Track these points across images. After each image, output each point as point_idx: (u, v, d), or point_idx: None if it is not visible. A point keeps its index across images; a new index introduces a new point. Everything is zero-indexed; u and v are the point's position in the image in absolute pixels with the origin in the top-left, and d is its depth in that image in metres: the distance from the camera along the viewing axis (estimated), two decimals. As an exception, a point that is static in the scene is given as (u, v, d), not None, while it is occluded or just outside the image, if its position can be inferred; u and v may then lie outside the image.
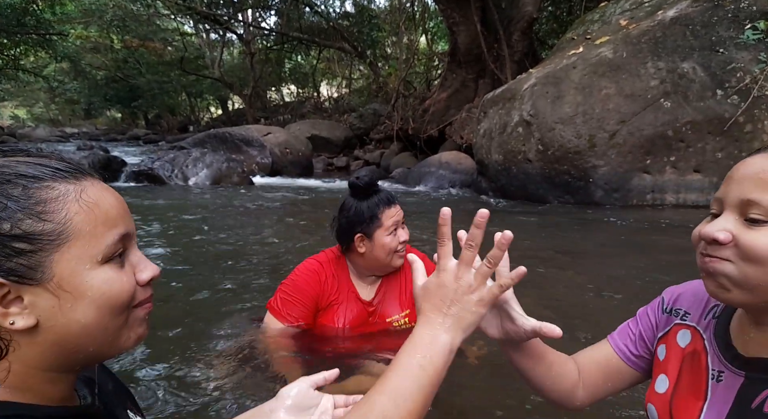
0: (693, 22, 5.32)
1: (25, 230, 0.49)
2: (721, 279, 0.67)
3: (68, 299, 0.51)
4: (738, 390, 0.71)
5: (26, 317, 0.50)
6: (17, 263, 0.49)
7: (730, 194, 0.67)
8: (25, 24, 15.45)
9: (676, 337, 0.84)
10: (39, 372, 0.53)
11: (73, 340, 0.52)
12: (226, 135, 9.83)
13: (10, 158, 0.52)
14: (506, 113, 6.32)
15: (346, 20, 17.13)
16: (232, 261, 3.30)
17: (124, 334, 0.57)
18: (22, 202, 0.49)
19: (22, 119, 36.80)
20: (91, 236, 0.52)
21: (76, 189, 0.52)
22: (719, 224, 0.67)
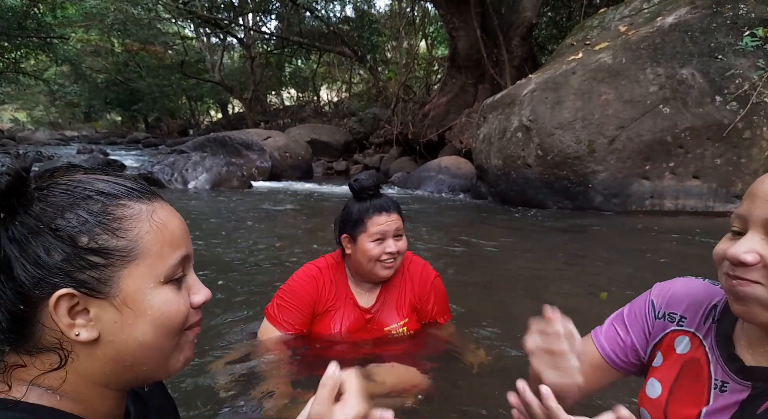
0: (692, 29, 5.34)
1: (100, 244, 0.51)
2: (752, 302, 0.65)
3: (130, 316, 0.53)
4: (743, 401, 0.70)
5: (90, 330, 0.52)
6: (89, 276, 0.51)
7: (755, 212, 0.65)
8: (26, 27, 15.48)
9: (673, 344, 0.83)
10: (92, 385, 0.54)
11: (129, 358, 0.54)
12: (226, 139, 9.83)
13: (89, 175, 0.55)
14: (506, 118, 6.33)
15: (347, 25, 17.19)
16: (230, 266, 3.29)
17: (175, 356, 0.58)
18: (101, 218, 0.52)
19: (22, 122, 36.81)
20: (157, 256, 0.54)
21: (148, 209, 0.55)
22: (746, 245, 0.64)
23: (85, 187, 0.53)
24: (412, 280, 1.79)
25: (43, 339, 0.51)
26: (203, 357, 1.85)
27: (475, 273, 3.38)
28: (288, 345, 1.70)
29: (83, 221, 0.51)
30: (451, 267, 3.38)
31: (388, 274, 1.67)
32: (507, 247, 4.14)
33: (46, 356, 0.52)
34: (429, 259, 1.92)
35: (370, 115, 15.05)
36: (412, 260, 1.83)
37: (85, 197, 0.52)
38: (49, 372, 0.52)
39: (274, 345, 1.70)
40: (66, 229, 0.50)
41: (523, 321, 1.01)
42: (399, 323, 1.77)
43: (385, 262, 1.65)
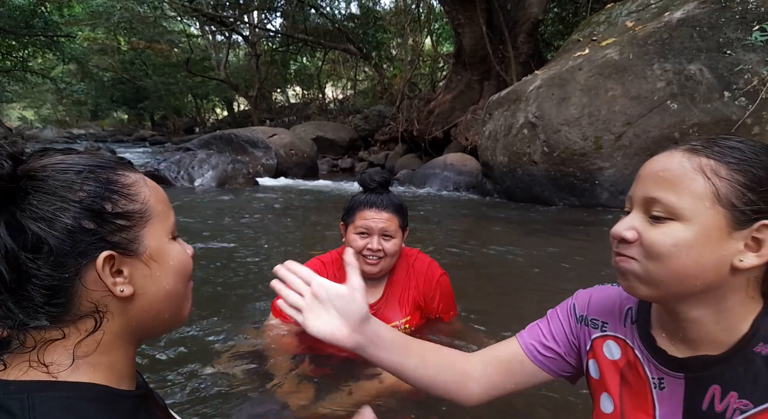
0: (700, 24, 5.28)
1: (123, 208, 0.58)
2: (630, 276, 0.70)
3: (157, 268, 0.60)
4: (683, 394, 0.72)
5: (128, 286, 0.58)
6: (121, 237, 0.57)
7: (637, 192, 0.70)
8: (33, 26, 15.58)
9: (602, 350, 0.83)
10: (120, 343, 0.60)
11: (156, 307, 0.61)
12: (232, 136, 9.87)
13: (72, 155, 0.59)
14: (511, 115, 6.30)
15: (351, 22, 17.18)
16: (236, 262, 3.31)
17: (186, 304, 0.67)
18: (113, 186, 0.58)
19: (29, 120, 37.10)
20: (163, 214, 0.63)
21: (140, 176, 0.62)
22: (627, 223, 0.70)
23: (81, 164, 0.57)
24: (417, 278, 1.78)
25: (82, 306, 0.56)
26: (211, 350, 1.86)
27: (481, 270, 3.37)
28: (294, 337, 1.71)
29: (101, 191, 0.56)
30: (456, 264, 3.38)
31: (370, 271, 1.65)
32: (513, 244, 4.13)
33: (81, 323, 0.56)
34: (435, 256, 1.92)
35: (375, 112, 15.03)
36: (418, 257, 1.83)
37: (89, 171, 0.57)
38: (86, 338, 0.56)
39: (280, 338, 1.71)
40: (88, 200, 0.55)
41: (529, 318, 1.01)
42: (401, 320, 1.77)
43: (368, 258, 1.64)
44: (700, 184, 0.65)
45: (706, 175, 0.65)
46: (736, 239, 0.64)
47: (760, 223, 0.64)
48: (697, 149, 0.67)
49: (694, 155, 0.67)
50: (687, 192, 0.65)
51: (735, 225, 0.64)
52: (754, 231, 0.64)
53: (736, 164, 0.65)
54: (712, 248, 0.64)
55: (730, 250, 0.64)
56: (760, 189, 0.64)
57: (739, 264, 0.64)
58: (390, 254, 1.65)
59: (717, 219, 0.64)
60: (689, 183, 0.65)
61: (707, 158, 0.66)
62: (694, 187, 0.65)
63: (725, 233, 0.64)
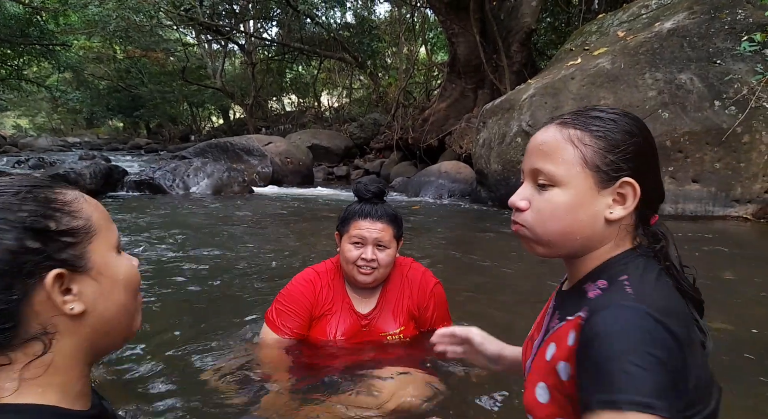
0: (690, 34, 5.36)
1: (67, 225, 0.57)
2: (526, 240, 0.80)
3: (107, 283, 0.60)
4: (548, 321, 0.84)
5: (79, 304, 0.57)
6: (69, 254, 0.57)
7: (525, 165, 0.80)
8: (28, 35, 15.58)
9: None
10: (72, 363, 0.59)
11: (108, 324, 0.61)
12: (228, 144, 9.88)
13: (2, 177, 0.60)
14: (505, 123, 6.35)
15: (347, 31, 17.27)
16: (231, 271, 3.30)
17: (137, 318, 0.66)
18: (53, 204, 0.57)
19: (24, 129, 36.94)
20: (106, 229, 0.62)
21: (78, 193, 0.62)
22: (520, 193, 0.80)
23: (16, 185, 0.57)
24: (411, 288, 1.78)
25: (30, 328, 0.55)
26: (204, 361, 1.86)
27: (475, 278, 3.38)
28: (287, 349, 1.71)
29: (41, 210, 0.56)
30: (450, 273, 3.38)
31: (364, 281, 1.66)
32: (507, 252, 4.14)
33: (29, 346, 0.55)
34: (428, 265, 1.93)
35: (371, 121, 15.09)
36: (412, 267, 1.83)
37: (26, 191, 0.57)
38: (34, 362, 0.55)
39: (273, 349, 1.71)
40: (29, 219, 0.54)
41: (523, 327, 1.03)
42: (396, 330, 1.77)
43: (361, 268, 1.64)
44: (570, 152, 0.74)
45: (574, 144, 0.74)
46: (605, 196, 0.74)
47: (621, 180, 0.73)
48: (567, 122, 0.76)
49: (565, 127, 0.76)
50: (561, 160, 0.74)
51: (602, 184, 0.73)
52: (618, 187, 0.73)
53: (597, 131, 0.74)
54: (586, 206, 0.74)
55: (601, 206, 0.74)
56: (617, 150, 0.73)
57: (610, 217, 0.74)
58: (384, 264, 1.65)
59: (587, 181, 0.73)
60: (562, 152, 0.74)
61: (575, 128, 0.75)
62: (566, 155, 0.74)
63: (596, 192, 0.74)
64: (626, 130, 0.74)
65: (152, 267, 3.34)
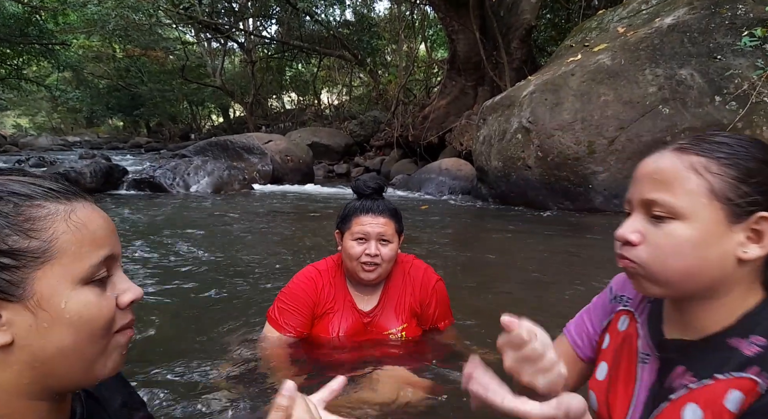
0: (690, 29, 5.35)
1: (10, 246, 0.49)
2: (638, 278, 0.71)
3: (46, 319, 0.50)
4: (657, 372, 0.74)
5: (3, 334, 0.49)
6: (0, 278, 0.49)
7: (634, 195, 0.71)
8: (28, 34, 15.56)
9: (617, 323, 0.86)
10: (13, 398, 0.51)
11: (48, 364, 0.51)
12: (228, 143, 9.87)
13: (5, 176, 0.53)
14: (505, 120, 6.34)
15: (346, 29, 17.23)
16: (232, 270, 3.31)
17: (101, 362, 0.55)
18: (11, 219, 0.50)
19: (24, 128, 36.94)
20: (75, 256, 0.52)
21: (66, 209, 0.53)
22: (630, 225, 0.71)
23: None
24: (413, 285, 1.78)
25: None
26: (206, 359, 1.86)
27: (476, 275, 3.38)
28: (289, 347, 1.71)
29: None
30: (452, 270, 3.39)
31: (368, 277, 1.65)
32: (508, 249, 4.15)
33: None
34: (429, 262, 1.93)
35: (371, 118, 15.08)
36: (413, 264, 1.83)
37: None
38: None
39: (276, 348, 1.71)
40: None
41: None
42: (398, 328, 1.77)
43: (365, 265, 1.64)
44: (693, 181, 0.65)
45: (698, 172, 0.66)
46: (737, 232, 0.65)
47: (758, 215, 0.64)
48: (686, 148, 0.68)
49: (684, 154, 0.68)
50: (682, 191, 0.66)
51: (734, 218, 0.65)
52: (753, 223, 0.65)
53: (726, 159, 0.66)
54: (714, 244, 0.65)
55: (732, 243, 0.65)
56: (752, 180, 0.65)
57: (744, 256, 0.65)
58: (387, 259, 1.65)
59: (716, 214, 0.65)
60: (683, 182, 0.66)
61: (697, 156, 0.67)
62: (688, 185, 0.66)
63: (726, 227, 0.65)
64: (761, 158, 0.66)
65: (152, 266, 3.35)
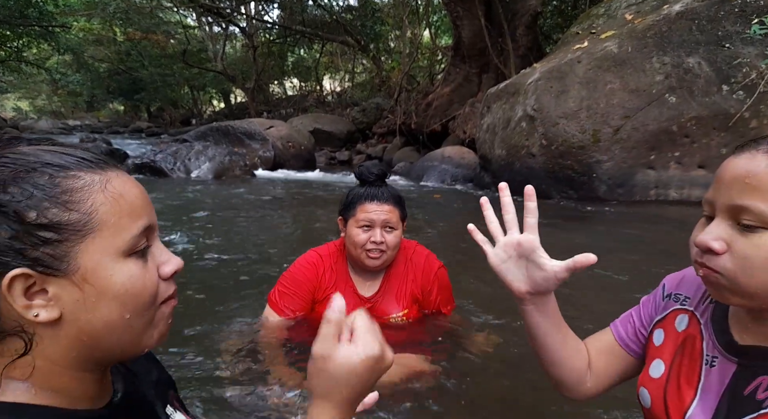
0: (699, 17, 5.26)
1: (51, 219, 0.48)
2: (719, 288, 0.67)
3: (93, 293, 0.50)
4: (731, 377, 0.71)
5: (50, 309, 0.49)
6: (43, 253, 0.48)
7: (720, 198, 0.66)
8: (27, 16, 15.40)
9: (674, 322, 0.83)
10: (62, 369, 0.52)
11: (96, 336, 0.51)
12: (229, 128, 9.81)
13: (35, 147, 0.51)
14: (510, 108, 6.29)
15: (350, 14, 17.03)
16: (232, 255, 3.30)
17: (149, 332, 0.56)
18: (48, 191, 0.48)
19: (24, 111, 36.83)
20: (115, 228, 0.51)
21: (101, 179, 0.51)
22: (713, 232, 0.65)
23: (29, 160, 0.49)
24: (414, 271, 1.78)
25: (3, 323, 0.49)
26: (207, 343, 1.86)
27: (479, 263, 3.37)
28: (289, 331, 1.71)
29: (29, 195, 0.48)
30: (454, 257, 3.38)
31: (373, 264, 1.65)
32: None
33: (10, 342, 0.49)
34: (432, 249, 1.92)
35: (373, 105, 14.98)
36: (416, 250, 1.82)
37: (29, 170, 0.49)
38: (18, 360, 0.49)
39: (276, 331, 1.71)
40: (10, 205, 0.47)
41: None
42: (399, 314, 1.77)
43: (371, 252, 1.63)
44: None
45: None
46: None
47: None
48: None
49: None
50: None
51: None
52: None
53: None
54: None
55: None
56: None
57: None
58: (392, 246, 1.64)
59: None
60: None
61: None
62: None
63: None
64: None
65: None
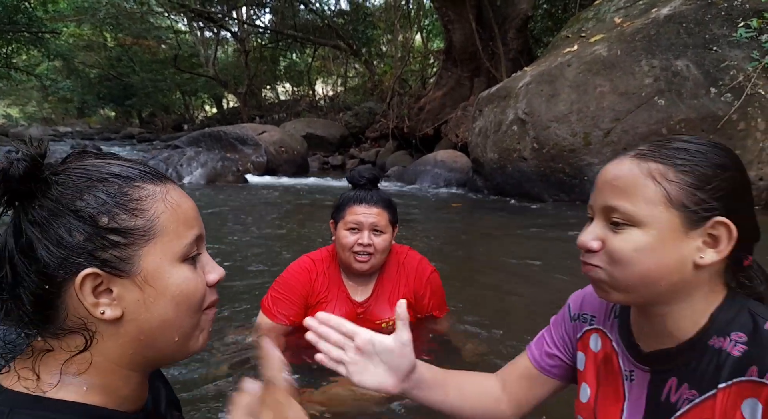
0: (687, 20, 5.33)
1: (120, 224, 0.53)
2: (600, 284, 0.71)
3: (152, 294, 0.54)
4: (647, 386, 0.74)
5: (114, 308, 0.53)
6: (111, 255, 0.52)
7: (596, 201, 0.72)
8: (16, 22, 15.29)
9: (589, 343, 0.86)
10: (116, 367, 0.56)
11: (152, 336, 0.56)
12: (221, 133, 9.78)
13: (102, 160, 0.57)
14: (501, 111, 6.32)
15: (341, 18, 17.08)
16: (225, 261, 3.28)
17: (195, 335, 0.60)
18: (118, 199, 0.53)
19: (14, 118, 36.46)
20: (174, 234, 0.56)
21: (162, 190, 0.57)
22: (591, 232, 0.71)
23: (100, 171, 0.54)
24: (407, 275, 1.78)
25: (68, 320, 0.53)
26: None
27: (471, 267, 3.38)
28: (282, 336, 1.70)
29: (102, 202, 0.53)
30: (447, 262, 3.38)
31: (361, 268, 1.65)
32: (503, 241, 4.15)
33: (71, 338, 0.53)
34: (425, 253, 1.92)
35: (366, 109, 15.00)
36: (408, 255, 1.82)
37: (101, 179, 0.54)
38: (76, 356, 0.53)
39: (269, 336, 1.70)
40: (86, 210, 0.52)
41: (519, 315, 1.02)
42: (391, 318, 1.77)
43: (358, 255, 1.63)
44: (651, 189, 0.66)
45: (656, 180, 0.66)
46: (694, 238, 0.65)
47: (714, 220, 0.65)
48: (645, 154, 0.69)
49: (643, 161, 0.68)
50: (641, 198, 0.66)
51: (690, 224, 0.65)
52: (709, 228, 0.65)
53: (683, 165, 0.66)
54: (672, 250, 0.65)
55: (690, 249, 0.66)
56: (707, 186, 0.65)
57: (701, 261, 0.66)
58: (380, 250, 1.64)
59: (672, 221, 0.65)
60: (641, 189, 0.66)
61: (655, 162, 0.67)
62: (646, 192, 0.66)
63: (682, 234, 0.65)
64: (717, 163, 0.66)
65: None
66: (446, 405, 0.90)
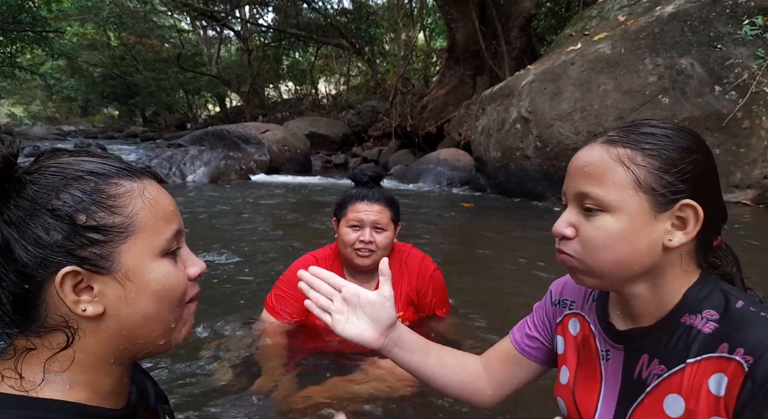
0: (691, 18, 5.30)
1: (98, 221, 0.53)
2: (574, 270, 0.73)
3: (133, 289, 0.55)
4: (622, 364, 0.75)
5: (95, 305, 0.53)
6: (91, 252, 0.52)
7: (569, 188, 0.73)
8: (21, 21, 15.34)
9: (568, 327, 0.88)
10: (99, 362, 0.56)
11: (134, 331, 0.56)
12: (224, 132, 9.80)
13: (76, 157, 0.56)
14: (504, 110, 6.31)
15: (344, 17, 17.06)
16: (229, 259, 3.29)
17: (178, 328, 0.61)
18: (95, 196, 0.53)
19: (19, 117, 36.62)
20: (152, 230, 0.57)
21: (139, 186, 0.57)
22: (565, 219, 0.73)
23: (74, 169, 0.54)
24: (410, 273, 1.78)
25: (49, 318, 0.53)
26: (204, 347, 1.86)
27: (474, 265, 3.38)
28: (286, 334, 1.71)
29: (79, 200, 0.52)
30: (449, 260, 3.38)
31: (363, 263, 1.66)
32: (506, 239, 4.14)
33: (53, 336, 0.53)
34: (427, 252, 1.92)
35: (369, 108, 14.99)
36: (411, 253, 1.82)
37: (76, 177, 0.53)
38: (59, 353, 0.53)
39: (273, 335, 1.71)
40: (63, 209, 0.51)
41: (521, 314, 1.03)
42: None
43: (360, 251, 1.64)
44: (621, 174, 0.67)
45: (624, 165, 0.67)
46: (662, 221, 0.67)
47: (681, 203, 0.66)
48: (614, 140, 0.70)
49: (612, 146, 0.69)
50: (611, 183, 0.67)
51: (658, 207, 0.67)
52: (677, 210, 0.67)
53: (650, 149, 0.67)
54: (642, 233, 0.67)
55: (659, 232, 0.67)
56: (674, 170, 0.66)
57: (669, 244, 0.67)
58: (381, 247, 1.65)
59: (641, 205, 0.67)
60: (611, 174, 0.67)
61: (623, 147, 0.68)
62: (616, 177, 0.67)
63: (651, 217, 0.67)
64: (683, 147, 0.67)
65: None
66: (426, 371, 0.92)
